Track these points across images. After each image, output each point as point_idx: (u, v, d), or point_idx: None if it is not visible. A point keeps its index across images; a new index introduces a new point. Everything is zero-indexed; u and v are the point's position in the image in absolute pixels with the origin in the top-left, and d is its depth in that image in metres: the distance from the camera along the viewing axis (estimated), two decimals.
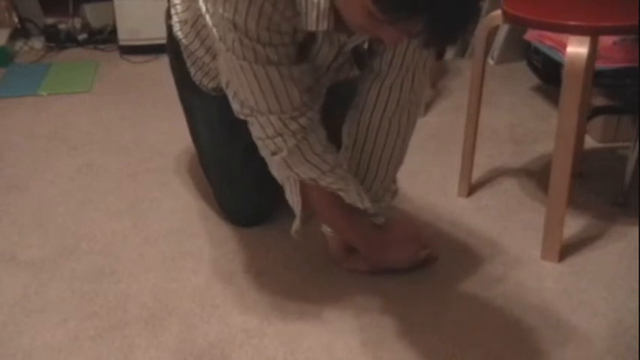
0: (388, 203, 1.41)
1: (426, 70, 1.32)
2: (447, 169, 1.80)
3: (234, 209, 1.56)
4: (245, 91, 1.18)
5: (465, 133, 1.65)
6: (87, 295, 1.36)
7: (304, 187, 1.30)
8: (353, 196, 1.31)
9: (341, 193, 1.30)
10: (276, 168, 1.28)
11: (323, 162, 1.25)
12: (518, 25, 1.50)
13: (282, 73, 1.15)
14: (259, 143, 1.26)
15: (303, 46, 1.21)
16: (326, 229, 1.40)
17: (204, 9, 1.20)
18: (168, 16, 1.52)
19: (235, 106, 1.24)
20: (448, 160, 1.85)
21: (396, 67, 1.27)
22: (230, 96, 1.25)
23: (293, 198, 1.32)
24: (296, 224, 1.35)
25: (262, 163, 1.38)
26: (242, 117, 1.24)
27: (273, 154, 1.24)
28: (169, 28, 1.52)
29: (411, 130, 1.38)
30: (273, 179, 1.38)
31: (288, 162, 1.24)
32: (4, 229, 1.60)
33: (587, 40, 1.31)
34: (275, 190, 1.43)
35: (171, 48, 1.54)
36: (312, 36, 1.20)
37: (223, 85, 1.27)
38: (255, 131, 1.24)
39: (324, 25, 1.10)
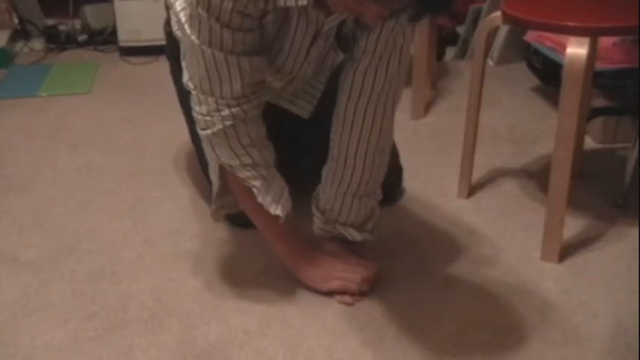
0: (370, 212, 1.38)
1: (402, 64, 1.28)
2: (447, 170, 1.80)
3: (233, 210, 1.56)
4: (193, 67, 1.20)
5: (464, 134, 1.65)
6: (87, 295, 1.36)
7: (224, 173, 1.31)
8: (266, 199, 1.28)
9: (254, 190, 1.28)
10: (203, 143, 1.29)
11: (246, 155, 1.25)
12: (517, 26, 1.51)
13: (230, 62, 1.16)
14: (193, 114, 1.27)
15: (277, 30, 1.20)
16: None
17: None
18: (167, 24, 1.53)
19: (184, 76, 1.25)
20: (448, 161, 1.85)
21: (369, 52, 1.24)
22: (183, 65, 1.26)
23: (212, 177, 1.34)
24: (212, 206, 1.38)
25: None
26: (187, 89, 1.25)
27: (202, 129, 1.26)
28: (168, 34, 1.52)
29: (387, 125, 1.32)
30: None
31: (212, 142, 1.25)
32: (4, 229, 1.60)
33: (586, 41, 1.31)
34: None
35: (171, 54, 1.55)
36: (286, 17, 1.19)
37: (181, 54, 1.27)
38: (193, 103, 1.25)
39: (303, 0, 1.10)
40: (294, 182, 1.59)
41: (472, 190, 1.71)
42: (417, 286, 1.37)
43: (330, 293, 1.34)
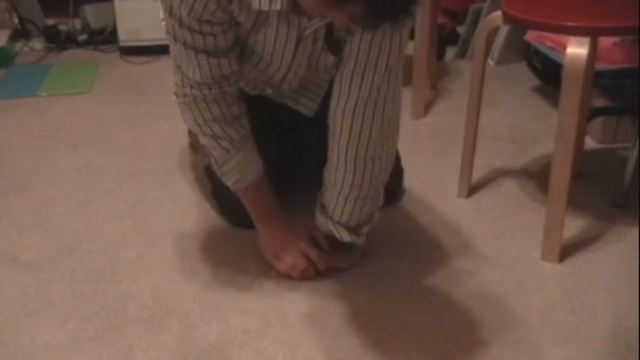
0: (366, 217, 1.37)
1: (392, 71, 1.25)
2: (447, 170, 1.80)
3: (233, 210, 1.57)
4: (171, 44, 1.27)
5: (465, 134, 1.65)
6: (87, 295, 1.36)
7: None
8: (222, 169, 1.37)
9: (212, 159, 1.37)
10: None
11: (207, 126, 1.32)
12: (518, 26, 1.51)
13: (189, 55, 1.24)
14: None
15: (253, 31, 1.23)
16: None
17: None
18: None
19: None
20: (448, 161, 1.85)
21: (352, 57, 1.24)
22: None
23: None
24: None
25: (263, 164, 1.40)
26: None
27: (174, 94, 1.34)
28: None
29: (378, 132, 1.29)
30: (272, 179, 1.39)
31: (180, 107, 1.35)
32: (4, 229, 1.60)
33: (586, 41, 1.31)
34: (274, 189, 1.44)
35: None
36: (265, 20, 1.20)
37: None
38: (172, 72, 1.33)
39: (276, 5, 1.12)
40: (297, 179, 1.60)
41: (472, 190, 1.71)
42: (417, 285, 1.37)
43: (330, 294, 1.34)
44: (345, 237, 1.37)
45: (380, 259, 1.43)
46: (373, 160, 1.31)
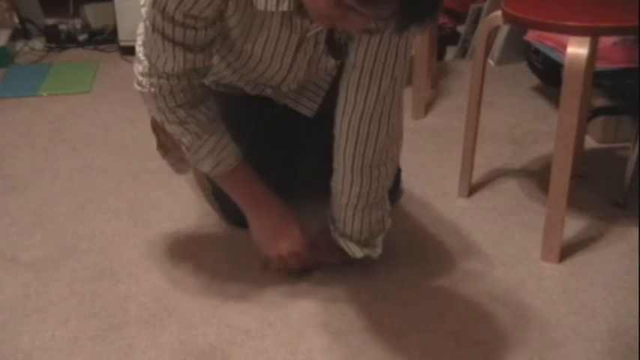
0: (377, 224, 1.36)
1: (397, 81, 1.23)
2: (447, 169, 1.80)
3: (233, 210, 1.56)
4: (145, 32, 1.23)
5: (465, 134, 1.65)
6: (87, 295, 1.36)
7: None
8: (194, 157, 1.32)
9: (183, 147, 1.33)
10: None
11: (172, 114, 1.28)
12: (518, 25, 1.51)
13: (166, 46, 1.19)
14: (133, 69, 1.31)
15: (246, 31, 1.21)
16: None
17: None
18: None
19: (138, 30, 1.29)
20: (448, 160, 1.85)
21: (357, 67, 1.22)
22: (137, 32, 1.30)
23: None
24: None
25: (262, 165, 1.39)
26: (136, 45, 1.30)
27: (136, 84, 1.29)
28: None
29: (384, 140, 1.28)
30: (272, 181, 1.39)
31: (143, 97, 1.31)
32: (4, 229, 1.60)
33: (587, 40, 1.31)
34: (274, 191, 1.44)
35: None
36: (263, 20, 1.19)
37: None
38: (135, 59, 1.29)
39: (283, 6, 1.10)
40: (297, 183, 1.59)
41: (472, 189, 1.71)
42: (417, 285, 1.37)
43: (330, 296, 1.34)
44: (357, 253, 1.36)
45: (380, 258, 1.43)
46: (379, 168, 1.30)
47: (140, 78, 1.27)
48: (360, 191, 1.31)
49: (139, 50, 1.26)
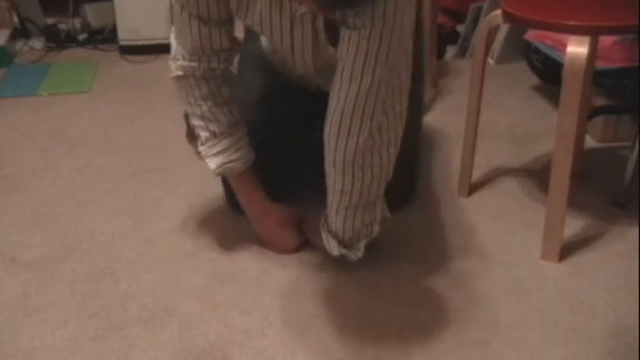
0: (361, 227, 1.36)
1: (382, 86, 1.21)
2: (447, 169, 1.80)
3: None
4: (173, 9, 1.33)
5: (465, 133, 1.65)
6: (87, 295, 1.36)
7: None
8: (207, 151, 1.41)
9: (199, 140, 1.42)
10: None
11: (196, 106, 1.39)
12: (518, 25, 1.50)
13: (184, 18, 1.30)
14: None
15: (246, 7, 1.27)
16: None
17: None
18: None
19: None
20: (448, 160, 1.85)
21: (339, 64, 1.21)
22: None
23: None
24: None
25: (269, 159, 1.44)
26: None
27: (170, 69, 1.40)
28: None
29: (365, 143, 1.25)
30: (279, 175, 1.41)
31: (175, 85, 1.40)
32: (4, 229, 1.60)
33: (587, 39, 1.31)
34: (281, 185, 1.46)
35: None
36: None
37: None
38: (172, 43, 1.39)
39: None
40: (302, 181, 1.60)
41: (472, 189, 1.71)
42: (417, 284, 1.37)
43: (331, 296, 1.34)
44: (334, 251, 1.37)
45: (380, 258, 1.43)
46: (363, 169, 1.28)
47: (170, 63, 1.38)
48: (342, 188, 1.30)
49: (172, 37, 1.38)
